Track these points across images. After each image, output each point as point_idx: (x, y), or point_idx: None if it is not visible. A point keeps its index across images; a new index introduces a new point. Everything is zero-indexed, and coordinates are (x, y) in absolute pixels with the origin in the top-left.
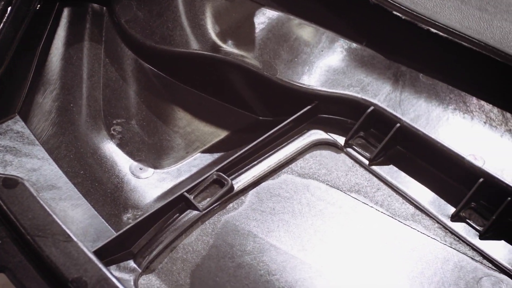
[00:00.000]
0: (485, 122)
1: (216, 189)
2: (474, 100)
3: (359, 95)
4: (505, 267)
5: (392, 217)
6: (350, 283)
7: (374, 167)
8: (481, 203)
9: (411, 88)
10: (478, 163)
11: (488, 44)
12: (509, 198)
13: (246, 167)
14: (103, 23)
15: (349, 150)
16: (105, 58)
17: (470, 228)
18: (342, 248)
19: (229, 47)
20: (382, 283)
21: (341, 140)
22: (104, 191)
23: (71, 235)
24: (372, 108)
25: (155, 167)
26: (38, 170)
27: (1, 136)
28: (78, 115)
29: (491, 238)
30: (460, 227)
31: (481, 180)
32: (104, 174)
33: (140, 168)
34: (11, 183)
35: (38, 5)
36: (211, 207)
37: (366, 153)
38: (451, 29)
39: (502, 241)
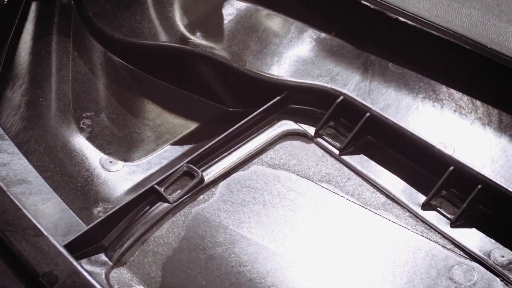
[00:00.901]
0: (455, 110)
1: (187, 181)
2: (444, 88)
3: (328, 85)
4: (476, 255)
5: (363, 207)
6: (321, 273)
7: (345, 157)
8: (452, 191)
9: (380, 77)
10: (448, 151)
11: (456, 32)
12: (480, 186)
13: (217, 159)
14: (71, 16)
15: (319, 140)
16: (73, 51)
17: (441, 216)
18: (313, 238)
19: (197, 39)
20: (353, 273)
21: (311, 130)
22: (74, 185)
23: (42, 229)
24: (341, 97)
25: (125, 160)
26: (8, 164)
27: None
28: (48, 109)
29: (462, 226)
30: (431, 216)
31: (451, 168)
32: (74, 168)
33: (110, 161)
34: None
35: None
36: (181, 199)
37: (336, 143)
38: (419, 18)
39: (473, 229)
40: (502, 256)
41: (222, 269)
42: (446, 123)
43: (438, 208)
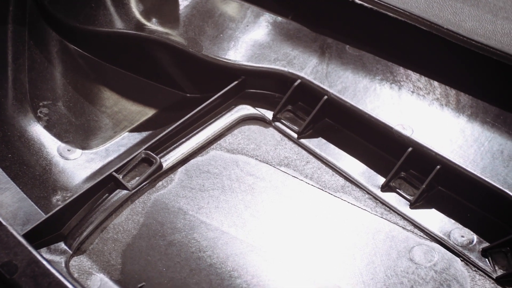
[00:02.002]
0: (412, 92)
1: (145, 168)
2: (401, 70)
3: (285, 69)
4: (436, 235)
5: (322, 190)
6: (282, 257)
7: (303, 140)
8: (411, 173)
9: (337, 60)
10: (407, 132)
11: (413, 14)
12: (438, 167)
13: (175, 145)
14: (26, 5)
15: (278, 124)
16: (29, 40)
17: (400, 197)
18: (273, 222)
19: (153, 25)
20: (314, 256)
21: (269, 114)
22: (32, 174)
23: (0, 219)
24: (299, 81)
25: (83, 148)
26: None
27: None
28: (4, 99)
29: (422, 207)
30: (391, 197)
31: (410, 149)
32: (32, 157)
33: (68, 150)
34: None
35: None
36: (140, 186)
37: (295, 127)
38: (376, 0)
39: (433, 209)
40: (462, 236)
41: (182, 255)
42: (404, 105)
43: (398, 190)
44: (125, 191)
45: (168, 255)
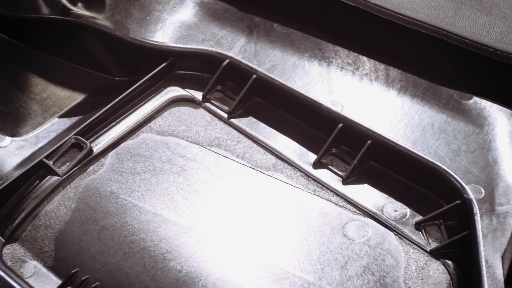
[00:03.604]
0: (342, 68)
1: (75, 153)
2: (330, 46)
3: (213, 49)
4: (370, 211)
5: (254, 169)
6: (216, 237)
7: (233, 120)
8: (342, 149)
9: (265, 39)
10: (337, 108)
11: None
12: (369, 142)
13: (105, 129)
14: None
15: (208, 104)
16: None
17: (332, 174)
18: (206, 203)
19: (79, 10)
20: (247, 236)
21: (198, 95)
22: None
23: None
24: (227, 61)
25: (12, 135)
26: None
27: None
28: None
29: (354, 182)
30: (323, 174)
31: (340, 125)
32: None
33: None
34: None
35: None
36: (71, 171)
37: (225, 107)
38: None
39: (365, 185)
40: (395, 211)
41: (115, 239)
42: (333, 81)
43: (329, 166)
44: (56, 177)
45: (101, 240)
